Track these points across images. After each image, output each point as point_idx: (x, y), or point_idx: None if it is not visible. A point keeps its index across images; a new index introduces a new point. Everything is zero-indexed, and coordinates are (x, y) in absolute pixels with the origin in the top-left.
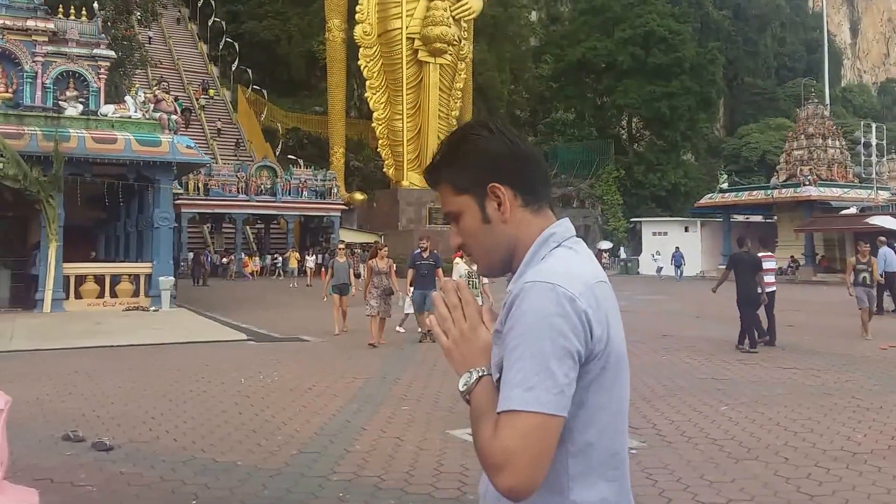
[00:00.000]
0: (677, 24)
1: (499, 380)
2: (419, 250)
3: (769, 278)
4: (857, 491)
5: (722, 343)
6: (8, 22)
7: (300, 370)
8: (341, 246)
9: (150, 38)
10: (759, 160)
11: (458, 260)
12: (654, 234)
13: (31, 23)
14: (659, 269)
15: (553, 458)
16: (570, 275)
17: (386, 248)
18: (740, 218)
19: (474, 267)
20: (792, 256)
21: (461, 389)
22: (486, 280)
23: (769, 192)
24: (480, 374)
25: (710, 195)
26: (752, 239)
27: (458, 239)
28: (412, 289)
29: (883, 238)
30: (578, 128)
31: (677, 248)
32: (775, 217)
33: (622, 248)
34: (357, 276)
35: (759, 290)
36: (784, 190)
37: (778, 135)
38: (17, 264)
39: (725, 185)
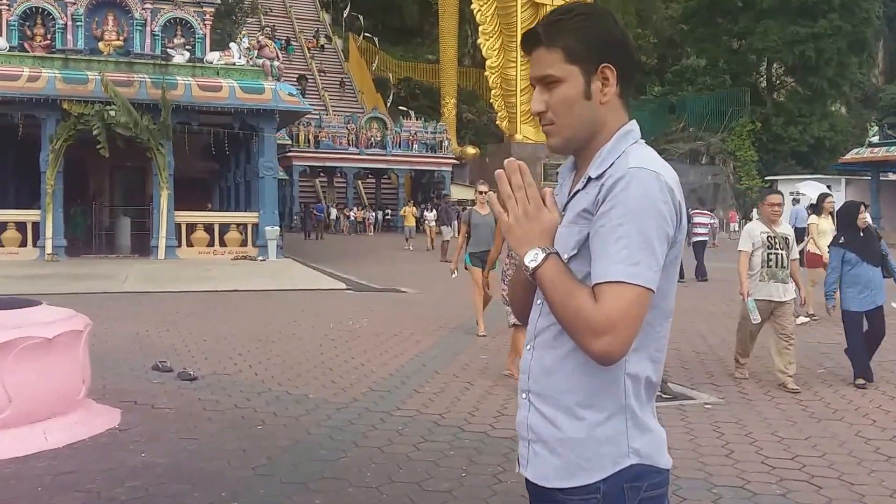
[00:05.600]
0: None
1: (570, 258)
2: None
3: (700, 230)
4: None
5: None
6: None
7: (390, 318)
8: (482, 189)
9: None
10: None
11: (754, 216)
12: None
13: None
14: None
15: None
16: (666, 168)
17: None
18: (893, 177)
19: (778, 229)
20: None
21: (528, 265)
22: (795, 255)
23: None
24: (548, 252)
25: (856, 150)
26: None
27: (542, 106)
28: None
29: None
30: (711, 75)
31: (797, 201)
32: None
33: (755, 211)
34: None
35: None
36: None
37: None
38: (137, 213)
39: (876, 139)
